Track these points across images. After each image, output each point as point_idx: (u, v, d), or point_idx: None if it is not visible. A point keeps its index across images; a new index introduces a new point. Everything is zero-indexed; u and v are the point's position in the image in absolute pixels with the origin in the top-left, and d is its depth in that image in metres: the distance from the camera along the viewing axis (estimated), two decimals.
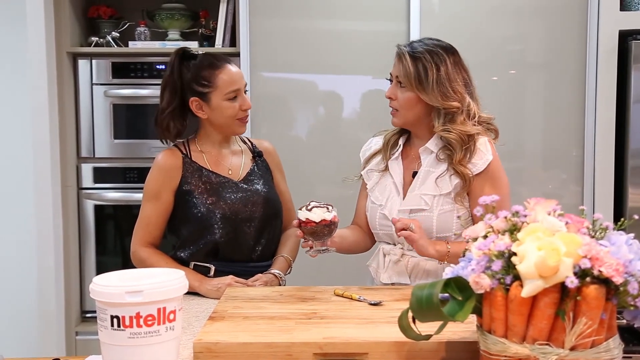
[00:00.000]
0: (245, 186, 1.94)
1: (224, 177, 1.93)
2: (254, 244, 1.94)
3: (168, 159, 1.92)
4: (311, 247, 1.67)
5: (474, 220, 1.75)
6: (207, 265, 1.90)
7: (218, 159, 1.96)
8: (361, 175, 1.96)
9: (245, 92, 1.93)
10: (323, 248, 1.68)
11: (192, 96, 1.90)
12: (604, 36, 2.88)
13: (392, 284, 1.83)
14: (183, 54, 1.93)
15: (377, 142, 1.97)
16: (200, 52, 1.95)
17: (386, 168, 1.89)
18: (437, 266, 1.79)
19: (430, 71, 1.75)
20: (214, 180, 1.92)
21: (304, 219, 1.63)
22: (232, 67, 1.91)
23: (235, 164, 1.98)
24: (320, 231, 1.64)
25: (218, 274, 1.89)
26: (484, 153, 1.77)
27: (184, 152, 1.94)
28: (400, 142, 1.90)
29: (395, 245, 1.85)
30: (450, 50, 1.80)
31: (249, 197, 1.92)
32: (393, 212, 1.81)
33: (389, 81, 1.86)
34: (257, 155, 2.02)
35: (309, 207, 1.65)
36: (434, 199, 1.78)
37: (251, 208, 1.92)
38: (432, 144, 1.82)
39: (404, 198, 1.83)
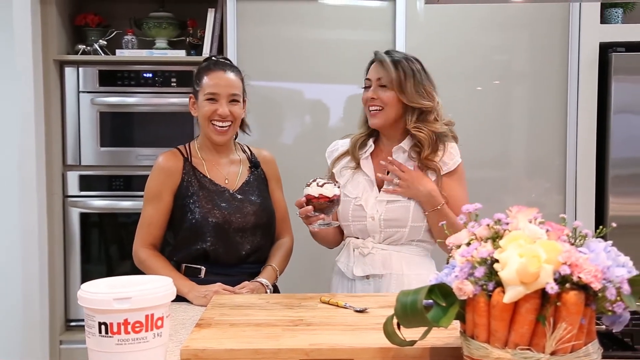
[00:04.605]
0: (239, 196, 1.96)
1: (220, 186, 1.96)
2: (245, 253, 1.96)
3: (169, 161, 1.96)
4: (312, 222, 1.74)
5: None
6: (198, 266, 1.93)
7: (216, 167, 1.99)
8: (332, 174, 2.02)
9: (233, 102, 1.93)
10: (328, 222, 1.76)
11: (191, 93, 1.99)
12: (585, 48, 2.94)
13: (367, 276, 1.90)
14: (205, 59, 2.05)
15: (343, 144, 2.07)
16: (219, 59, 2.04)
17: (357, 166, 1.98)
18: (410, 256, 1.91)
19: (408, 74, 1.92)
20: (210, 188, 1.94)
21: (316, 195, 1.69)
22: (223, 74, 1.94)
23: (232, 173, 2.00)
24: (331, 206, 1.72)
25: (209, 275, 1.91)
26: (454, 155, 1.94)
27: (185, 155, 1.97)
28: (370, 142, 2.00)
29: (364, 239, 1.92)
30: (418, 60, 1.98)
31: (242, 207, 1.95)
32: (369, 203, 1.91)
33: (364, 88, 1.97)
34: (253, 166, 2.04)
35: (320, 184, 1.70)
36: None
37: (244, 219, 1.94)
38: (406, 144, 1.95)
39: (379, 191, 1.93)
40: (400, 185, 1.88)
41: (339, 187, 1.74)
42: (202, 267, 1.93)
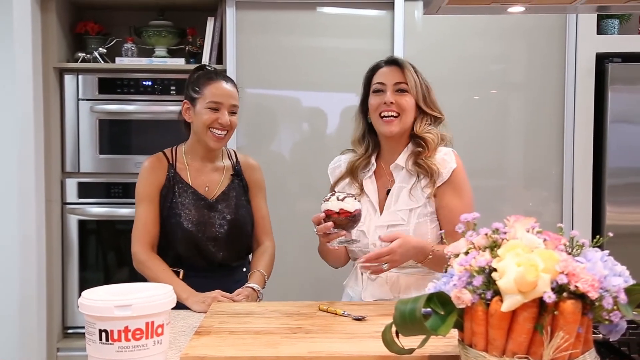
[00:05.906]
0: (216, 205, 1.99)
1: (199, 194, 1.99)
2: (217, 260, 1.99)
3: (155, 163, 2.01)
4: (331, 239, 1.63)
5: (440, 225, 1.83)
6: (177, 270, 1.96)
7: (199, 174, 2.02)
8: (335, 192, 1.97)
9: (233, 114, 1.98)
10: (349, 240, 1.65)
11: (185, 99, 2.02)
12: (581, 58, 2.96)
13: (375, 301, 1.84)
14: (198, 68, 2.09)
15: (345, 160, 1.98)
16: (215, 68, 2.08)
17: (361, 189, 1.90)
18: (417, 280, 1.83)
19: (426, 80, 1.89)
20: (189, 195, 1.98)
21: (337, 210, 1.59)
22: (225, 85, 1.98)
23: (213, 181, 2.03)
24: (353, 221, 1.62)
25: (187, 277, 1.94)
26: (448, 162, 1.84)
27: (170, 160, 2.01)
28: (372, 160, 1.92)
29: None
30: None
31: (216, 217, 1.98)
32: (371, 229, 1.84)
33: (374, 93, 1.87)
34: (235, 174, 2.06)
35: (340, 198, 1.60)
36: (410, 213, 1.83)
37: (217, 228, 1.97)
38: (402, 160, 1.87)
39: (381, 214, 1.86)
40: (390, 267, 1.71)
41: (359, 201, 1.64)
42: (180, 270, 1.96)
